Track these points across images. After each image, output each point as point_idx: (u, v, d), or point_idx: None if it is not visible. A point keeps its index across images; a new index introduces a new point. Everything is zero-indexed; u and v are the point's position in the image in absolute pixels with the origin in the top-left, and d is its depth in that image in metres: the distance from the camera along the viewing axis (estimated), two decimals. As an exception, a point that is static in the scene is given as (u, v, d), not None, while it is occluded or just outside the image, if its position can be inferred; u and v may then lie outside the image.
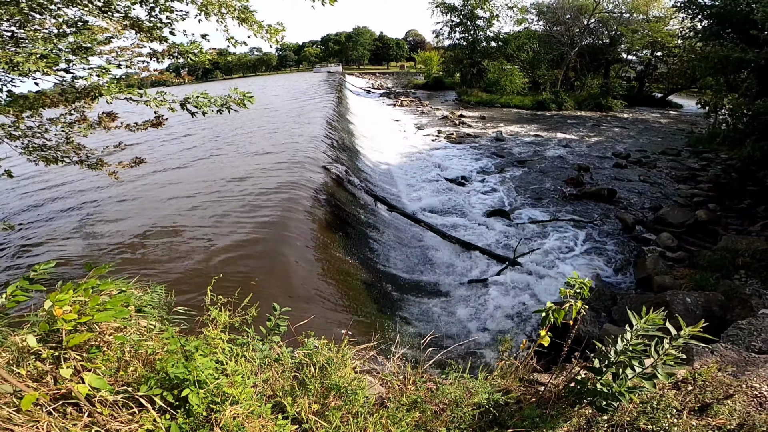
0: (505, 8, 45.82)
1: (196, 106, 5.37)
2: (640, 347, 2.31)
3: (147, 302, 2.90)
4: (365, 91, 57.61)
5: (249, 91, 5.44)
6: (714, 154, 19.00)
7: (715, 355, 4.48)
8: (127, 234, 8.32)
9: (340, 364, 2.56)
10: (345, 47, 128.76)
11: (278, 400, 2.37)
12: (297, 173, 11.41)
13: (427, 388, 2.74)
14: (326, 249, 8.04)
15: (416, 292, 8.38)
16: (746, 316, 6.05)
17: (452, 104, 43.58)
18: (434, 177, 17.38)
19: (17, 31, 5.11)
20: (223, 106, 5.44)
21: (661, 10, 37.78)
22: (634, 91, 42.23)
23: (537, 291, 8.72)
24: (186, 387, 1.96)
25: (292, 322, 3.03)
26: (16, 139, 6.18)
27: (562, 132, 27.15)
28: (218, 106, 5.45)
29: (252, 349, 2.65)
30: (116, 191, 11.32)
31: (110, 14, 5.23)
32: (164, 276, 6.29)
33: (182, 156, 16.19)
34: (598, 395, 2.30)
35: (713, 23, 17.07)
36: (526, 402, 2.75)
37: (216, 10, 5.26)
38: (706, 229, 11.21)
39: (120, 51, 5.68)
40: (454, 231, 11.54)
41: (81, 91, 5.31)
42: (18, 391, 1.83)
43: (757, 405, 3.27)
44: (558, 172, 17.77)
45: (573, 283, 2.50)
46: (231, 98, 5.43)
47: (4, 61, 3.99)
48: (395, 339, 3.37)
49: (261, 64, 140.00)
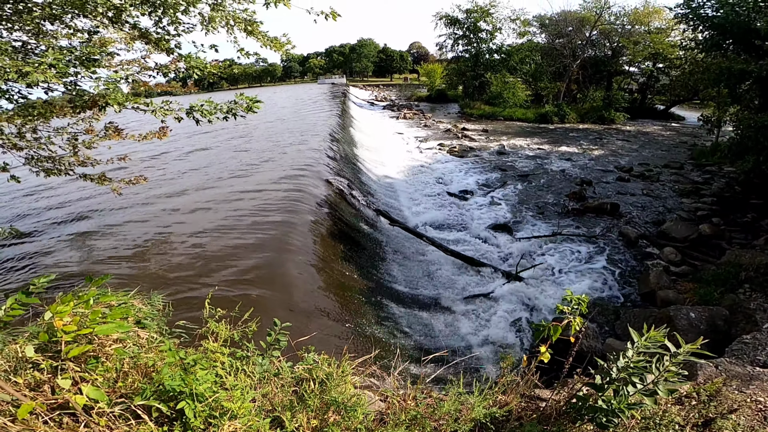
0: (507, 21, 46.31)
1: (202, 114, 5.40)
2: (642, 364, 2.30)
3: (146, 314, 2.90)
4: (369, 104, 57.97)
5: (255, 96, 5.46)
6: (717, 167, 18.99)
7: (720, 370, 4.43)
8: (128, 244, 8.34)
9: (340, 379, 2.54)
10: (349, 59, 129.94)
11: (277, 415, 2.35)
12: (299, 186, 11.45)
13: (427, 404, 2.72)
14: (327, 263, 8.03)
15: (418, 306, 8.34)
16: (751, 331, 6.01)
17: (455, 117, 43.80)
18: (437, 191, 17.44)
19: (29, 41, 5.20)
20: (229, 113, 5.46)
21: (663, 21, 38.06)
22: (636, 104, 42.48)
23: (539, 306, 8.68)
24: (182, 400, 1.95)
25: (293, 336, 3.02)
26: (21, 150, 6.23)
27: (564, 145, 27.23)
28: (224, 113, 5.46)
29: (251, 364, 2.64)
30: (119, 201, 11.38)
31: (120, 25, 5.30)
32: (164, 287, 6.29)
33: (183, 167, 16.28)
34: (598, 412, 2.28)
35: (715, 34, 17.15)
36: (526, 418, 2.72)
37: (224, 23, 5.33)
38: (710, 243, 11.18)
39: (128, 64, 5.76)
40: (456, 245, 11.53)
41: (88, 100, 5.36)
42: (14, 399, 1.83)
43: (761, 419, 3.23)
44: (560, 186, 17.78)
45: (569, 300, 2.49)
46: (237, 104, 5.44)
47: (13, 71, 4.04)
48: (396, 354, 3.35)
49: (266, 74, 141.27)
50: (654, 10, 39.21)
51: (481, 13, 45.13)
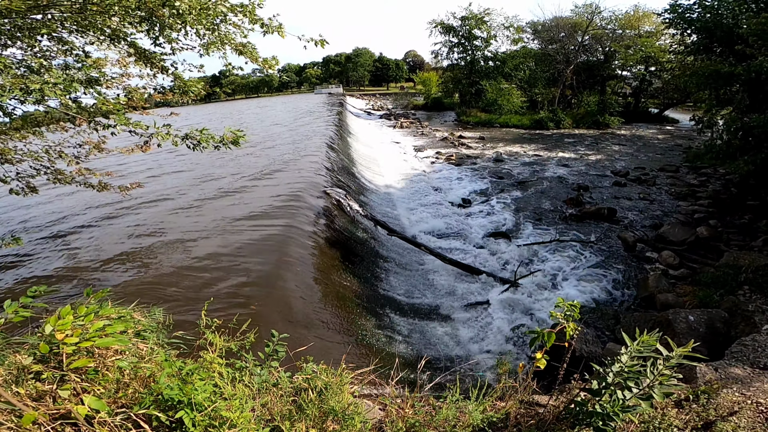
0: (501, 28, 46.67)
1: (198, 141, 5.59)
2: (637, 368, 2.32)
3: (146, 326, 2.92)
4: (365, 113, 58.20)
5: (241, 129, 5.75)
6: (713, 169, 19.05)
7: (719, 372, 4.45)
8: (128, 254, 8.35)
9: (339, 388, 2.56)
10: (345, 68, 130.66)
11: (276, 425, 2.37)
12: (297, 197, 11.48)
13: (425, 411, 2.73)
14: (326, 273, 8.04)
15: (416, 315, 8.34)
16: (750, 333, 6.01)
17: (451, 125, 44.00)
18: (434, 200, 17.47)
19: (24, 57, 5.28)
20: (221, 143, 5.70)
21: (652, 25, 38.45)
22: (630, 107, 42.70)
23: (538, 312, 8.67)
24: (181, 409, 1.97)
25: (291, 347, 3.04)
26: (17, 163, 6.33)
27: (560, 151, 27.36)
28: (216, 142, 5.73)
29: (250, 374, 2.66)
30: (120, 209, 11.40)
31: (117, 41, 5.42)
32: (162, 298, 6.30)
33: (182, 176, 16.35)
34: (595, 416, 2.30)
35: (703, 37, 17.32)
36: (525, 424, 2.73)
37: (218, 44, 5.51)
38: (708, 246, 11.20)
39: (128, 83, 5.91)
40: (454, 254, 11.54)
41: (90, 120, 5.52)
42: (17, 410, 1.85)
43: (763, 421, 3.24)
44: (558, 192, 17.84)
45: (562, 307, 2.52)
46: (226, 136, 5.70)
47: (17, 88, 4.09)
48: (394, 362, 3.36)
49: (263, 85, 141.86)
50: (644, 14, 39.69)
51: (476, 20, 45.50)
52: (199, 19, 5.03)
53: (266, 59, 5.94)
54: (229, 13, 5.27)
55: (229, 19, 5.37)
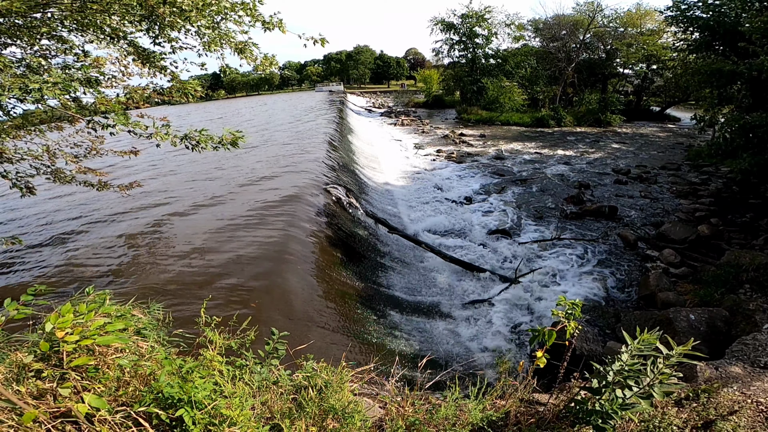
0: (503, 26, 46.67)
1: (197, 141, 5.60)
2: (637, 367, 2.32)
3: (146, 324, 2.92)
4: (366, 111, 58.14)
5: (240, 130, 5.72)
6: (714, 167, 19.04)
7: (720, 371, 4.44)
8: (129, 251, 8.36)
9: (339, 386, 2.56)
10: (346, 66, 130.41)
11: (276, 423, 2.37)
12: (297, 195, 11.47)
13: (425, 409, 2.73)
14: (326, 271, 8.04)
15: (417, 313, 8.34)
16: (751, 332, 6.00)
17: (452, 123, 43.93)
18: (435, 197, 17.47)
19: (24, 57, 5.28)
20: (220, 144, 5.71)
21: (654, 23, 38.36)
22: (632, 106, 42.63)
23: (538, 310, 8.68)
24: (181, 407, 1.97)
25: (292, 345, 3.04)
26: (17, 162, 6.33)
27: (561, 149, 27.33)
28: (215, 143, 5.73)
29: (250, 372, 2.66)
30: (120, 207, 11.41)
31: (116, 40, 5.42)
32: (162, 296, 6.30)
33: (182, 174, 16.33)
34: (594, 415, 2.30)
35: (705, 35, 17.29)
36: (525, 422, 2.73)
37: (218, 44, 5.51)
38: (709, 244, 11.20)
39: (128, 83, 5.91)
40: (455, 251, 11.54)
41: (90, 119, 5.52)
42: (17, 408, 1.85)
43: (763, 420, 3.23)
44: (559, 189, 17.83)
45: (563, 305, 2.52)
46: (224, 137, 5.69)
47: (17, 87, 4.09)
48: (395, 360, 3.37)
49: (264, 83, 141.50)
50: (646, 12, 39.57)
51: (477, 18, 45.42)
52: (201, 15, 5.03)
53: (266, 55, 5.90)
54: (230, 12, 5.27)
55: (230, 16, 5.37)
